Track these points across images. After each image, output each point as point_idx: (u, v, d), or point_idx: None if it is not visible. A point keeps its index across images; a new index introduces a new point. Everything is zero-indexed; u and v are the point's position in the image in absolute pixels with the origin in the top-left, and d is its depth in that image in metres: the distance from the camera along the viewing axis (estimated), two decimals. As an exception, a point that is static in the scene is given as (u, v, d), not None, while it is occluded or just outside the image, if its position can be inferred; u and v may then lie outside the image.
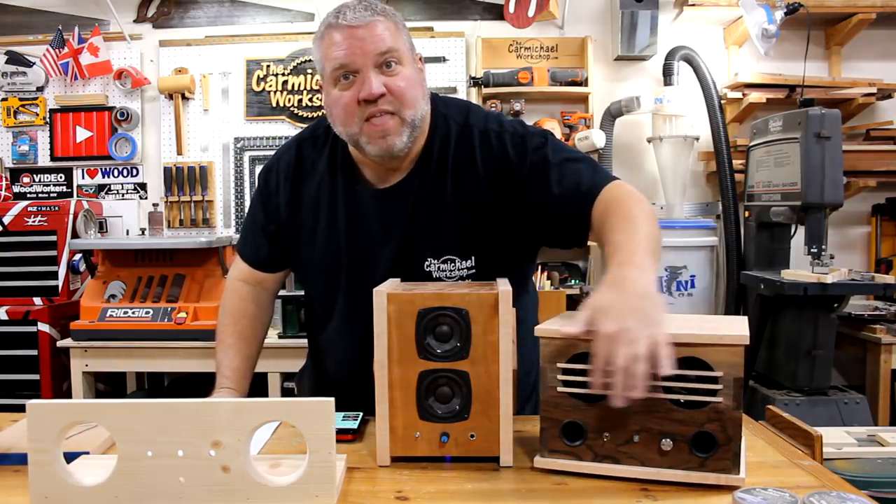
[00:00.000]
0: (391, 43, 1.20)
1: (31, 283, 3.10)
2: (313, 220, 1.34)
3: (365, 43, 1.18)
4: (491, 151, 1.27)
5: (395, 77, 1.20)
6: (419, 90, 1.24)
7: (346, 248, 1.31)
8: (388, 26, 1.22)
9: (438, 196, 1.27)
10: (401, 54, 1.22)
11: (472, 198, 1.26)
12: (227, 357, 1.35)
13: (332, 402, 0.89)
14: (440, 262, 1.27)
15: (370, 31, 1.19)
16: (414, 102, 1.22)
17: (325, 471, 0.90)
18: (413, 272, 1.26)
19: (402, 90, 1.20)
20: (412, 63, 1.25)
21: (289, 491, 0.89)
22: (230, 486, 0.89)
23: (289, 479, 0.90)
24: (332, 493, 0.90)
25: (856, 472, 1.93)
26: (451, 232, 1.27)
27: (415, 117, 1.23)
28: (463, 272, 1.28)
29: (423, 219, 1.27)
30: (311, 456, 0.89)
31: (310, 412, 0.89)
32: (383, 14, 1.23)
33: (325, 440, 0.89)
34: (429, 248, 1.27)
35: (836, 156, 2.62)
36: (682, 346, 0.93)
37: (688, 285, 3.17)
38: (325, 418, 0.89)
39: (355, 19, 1.19)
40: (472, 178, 1.27)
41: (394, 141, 1.21)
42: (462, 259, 1.27)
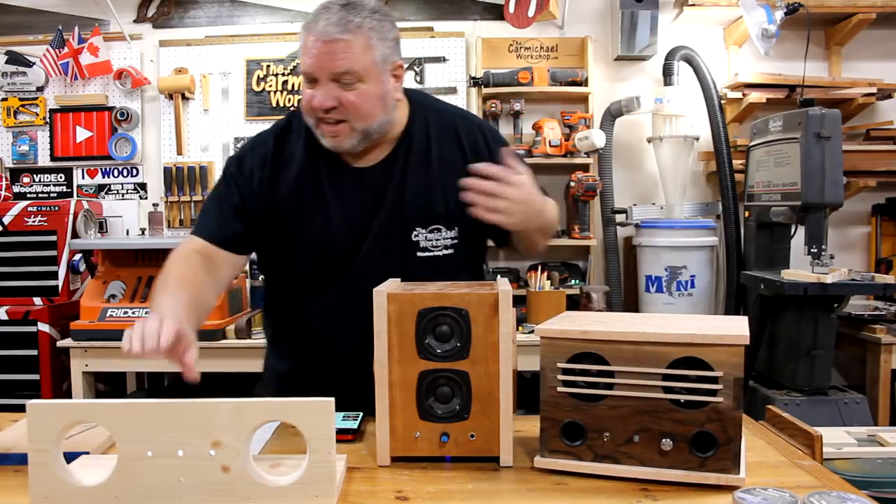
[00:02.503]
0: (351, 64, 1.25)
1: (31, 283, 3.09)
2: (298, 205, 1.37)
3: (326, 58, 1.25)
4: (472, 135, 1.42)
5: (351, 92, 1.27)
6: (377, 104, 1.30)
7: (341, 224, 1.36)
8: (358, 44, 1.25)
9: (425, 170, 1.38)
10: (362, 73, 1.26)
11: (455, 173, 1.33)
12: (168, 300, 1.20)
13: (331, 402, 0.90)
14: (428, 231, 1.36)
15: (335, 48, 1.24)
16: (368, 116, 1.29)
17: (325, 470, 0.90)
18: (401, 242, 1.35)
19: (355, 106, 1.27)
20: (378, 77, 1.29)
21: (289, 491, 0.89)
22: (230, 486, 0.89)
23: (289, 479, 0.90)
24: (332, 492, 0.90)
25: (856, 472, 1.93)
26: (438, 203, 1.37)
27: (367, 128, 1.30)
28: (447, 241, 1.38)
29: (412, 191, 1.36)
30: (312, 456, 0.89)
31: (310, 412, 0.89)
32: (356, 30, 1.25)
33: (326, 440, 0.89)
34: (417, 218, 1.36)
35: (836, 156, 2.62)
36: (682, 346, 0.93)
37: (688, 285, 3.17)
38: (326, 418, 0.89)
39: (325, 33, 1.24)
40: (456, 155, 1.39)
41: (342, 143, 1.31)
42: (448, 229, 1.38)
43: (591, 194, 3.24)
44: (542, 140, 3.31)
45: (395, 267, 1.32)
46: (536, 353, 1.01)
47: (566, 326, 1.00)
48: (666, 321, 1.03)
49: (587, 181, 3.21)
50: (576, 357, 0.98)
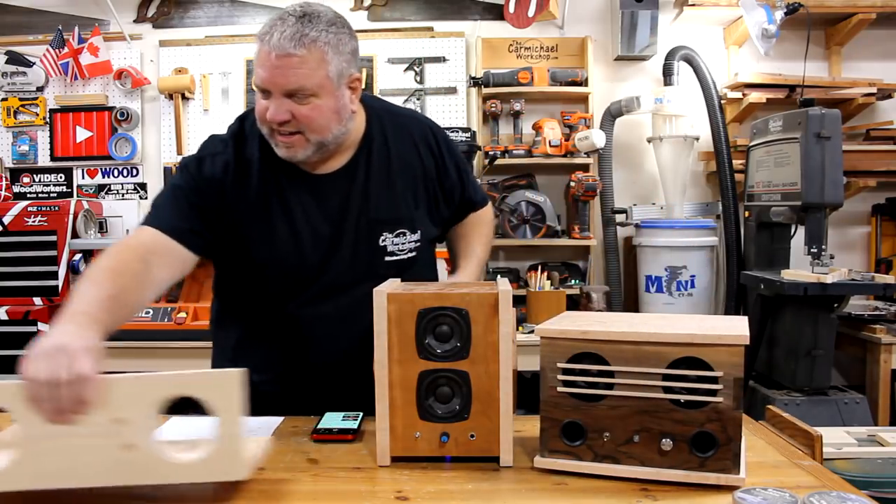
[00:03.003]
0: (304, 81, 1.23)
1: (31, 283, 3.09)
2: (264, 216, 1.34)
3: (280, 73, 1.22)
4: (424, 135, 1.46)
5: (305, 107, 1.25)
6: (332, 117, 1.28)
7: (308, 233, 1.35)
8: (312, 59, 1.23)
9: (387, 175, 1.39)
10: (316, 89, 1.24)
11: (415, 177, 1.42)
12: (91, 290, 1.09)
13: (238, 373, 0.87)
14: (394, 235, 1.38)
15: (288, 63, 1.22)
16: (322, 129, 1.28)
17: (233, 445, 0.88)
18: (370, 247, 1.36)
19: (309, 119, 1.26)
20: (333, 91, 1.27)
21: (197, 467, 0.87)
22: (134, 465, 0.86)
23: (195, 455, 0.88)
24: (242, 468, 0.88)
25: (856, 472, 1.93)
26: (401, 207, 1.39)
27: (322, 139, 1.29)
28: (412, 244, 1.40)
29: (377, 197, 1.37)
30: (220, 430, 0.87)
31: (215, 384, 0.87)
32: (311, 45, 1.22)
33: (233, 412, 0.87)
34: (383, 223, 1.37)
35: (836, 156, 2.62)
36: (682, 346, 0.93)
37: (688, 285, 3.17)
38: (231, 390, 0.87)
39: (279, 47, 1.21)
40: (413, 157, 1.43)
41: (296, 153, 1.30)
42: (412, 232, 1.40)
43: (591, 194, 3.24)
44: (542, 140, 3.31)
45: (363, 271, 1.35)
46: (536, 353, 1.01)
47: (566, 326, 1.00)
48: (666, 321, 1.03)
49: (587, 181, 3.21)
50: (576, 357, 0.98)
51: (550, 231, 3.31)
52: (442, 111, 3.50)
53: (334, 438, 1.15)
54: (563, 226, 3.43)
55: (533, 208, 3.31)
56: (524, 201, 3.31)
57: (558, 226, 3.35)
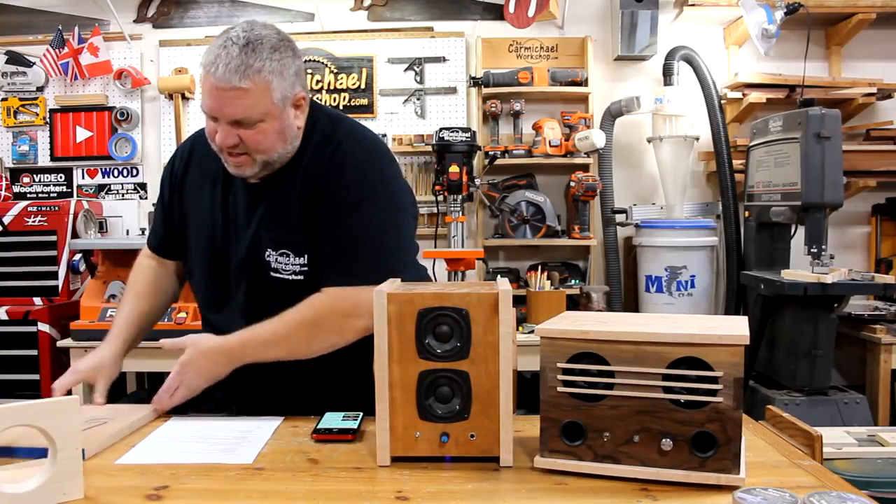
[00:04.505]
0: (249, 112, 1.27)
1: (31, 283, 3.09)
2: (196, 208, 1.46)
3: (225, 104, 1.26)
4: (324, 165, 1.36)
5: (251, 131, 1.29)
6: (277, 138, 1.32)
7: (220, 235, 1.41)
8: (257, 90, 1.25)
9: (289, 195, 1.36)
10: (261, 116, 1.28)
11: (313, 202, 1.35)
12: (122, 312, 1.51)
13: (76, 399, 0.91)
14: (278, 254, 1.37)
15: (233, 95, 1.25)
16: (268, 150, 1.32)
17: (72, 468, 0.90)
18: (257, 262, 1.38)
19: (255, 142, 1.30)
20: (279, 115, 1.30)
21: (36, 495, 0.88)
22: None
23: (34, 484, 0.89)
24: (78, 489, 0.91)
25: (856, 472, 1.93)
26: (288, 228, 1.36)
27: (268, 159, 1.33)
28: (296, 267, 1.36)
29: (271, 212, 1.37)
30: (59, 455, 0.89)
31: (56, 412, 0.89)
32: (255, 75, 1.24)
33: (72, 438, 0.90)
34: (269, 239, 1.37)
35: (836, 156, 2.62)
36: (682, 346, 0.93)
37: (688, 285, 3.17)
38: (71, 416, 0.89)
39: (224, 79, 1.24)
40: (313, 184, 1.35)
41: (244, 171, 1.35)
42: (296, 255, 1.36)
43: (591, 194, 3.24)
44: (542, 140, 3.31)
45: (250, 283, 1.39)
46: (536, 353, 1.01)
47: (566, 326, 1.00)
48: (666, 321, 1.03)
49: (587, 181, 3.22)
50: (576, 357, 0.97)
51: (550, 231, 3.31)
52: (442, 111, 3.50)
53: (334, 438, 1.15)
54: (563, 226, 3.43)
55: (533, 208, 3.31)
56: (524, 201, 3.31)
57: (558, 226, 3.35)
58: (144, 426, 1.25)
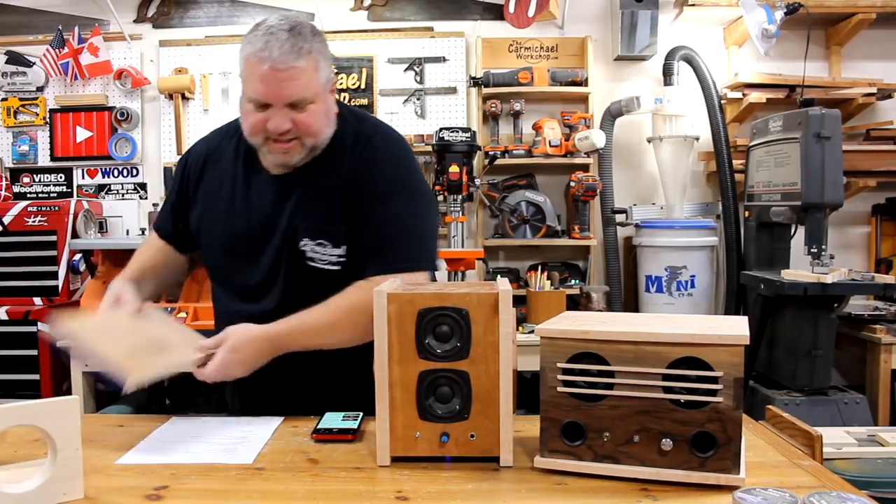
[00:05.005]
0: (305, 91, 1.30)
1: (31, 283, 3.09)
2: (216, 204, 1.45)
3: (282, 86, 1.28)
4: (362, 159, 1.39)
5: (303, 114, 1.32)
6: (324, 121, 1.36)
7: (246, 230, 1.41)
8: (308, 70, 1.30)
9: (326, 185, 1.38)
10: (313, 96, 1.32)
11: (352, 194, 1.37)
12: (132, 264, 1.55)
13: (76, 399, 0.91)
14: (315, 243, 1.37)
15: (290, 75, 1.28)
16: (317, 132, 1.35)
17: (72, 468, 0.90)
18: (292, 251, 1.37)
19: (307, 126, 1.33)
20: (324, 96, 1.35)
21: (37, 495, 0.88)
22: None
23: (34, 484, 0.89)
24: (78, 489, 0.91)
25: (856, 472, 1.93)
26: (327, 218, 1.37)
27: (315, 143, 1.36)
28: (334, 258, 1.37)
29: (307, 202, 1.38)
30: (59, 455, 0.89)
31: (56, 412, 0.89)
32: (308, 55, 1.29)
33: (72, 438, 0.90)
34: (306, 228, 1.37)
35: (836, 156, 2.62)
36: (682, 346, 0.93)
37: (688, 285, 3.17)
38: (71, 416, 0.89)
39: (280, 61, 1.27)
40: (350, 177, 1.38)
41: (292, 158, 1.36)
42: (333, 245, 1.37)
43: (591, 194, 3.24)
44: (542, 140, 3.31)
45: (284, 273, 1.38)
46: (536, 353, 1.01)
47: (566, 326, 1.00)
48: (666, 321, 1.03)
49: (587, 181, 3.22)
50: (576, 357, 0.98)
51: (550, 231, 3.31)
52: (442, 111, 3.50)
53: (334, 438, 1.15)
54: (563, 226, 3.43)
55: (533, 208, 3.31)
56: (524, 201, 3.31)
57: (558, 226, 3.35)
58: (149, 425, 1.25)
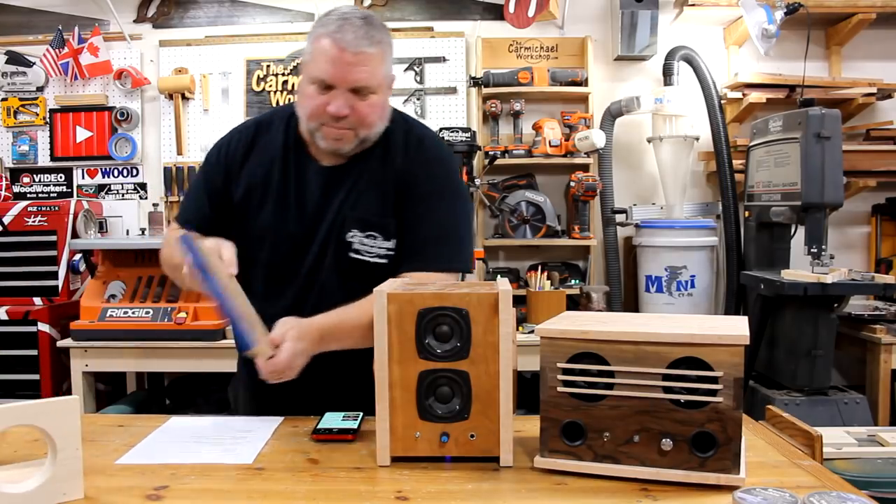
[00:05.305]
0: (371, 80, 1.31)
1: (31, 283, 3.09)
2: (262, 195, 1.43)
3: (350, 70, 1.29)
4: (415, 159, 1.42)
5: (364, 102, 1.33)
6: (381, 114, 1.38)
7: (294, 219, 1.40)
8: (377, 58, 1.32)
9: (378, 180, 1.40)
10: (376, 86, 1.33)
11: (404, 190, 1.40)
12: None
13: (76, 399, 0.92)
14: (363, 235, 1.39)
15: (360, 60, 1.29)
16: (372, 125, 1.36)
17: (72, 468, 0.90)
18: (338, 242, 1.38)
19: (365, 115, 1.34)
20: (384, 90, 1.37)
21: (37, 495, 0.88)
22: None
23: (34, 484, 0.89)
24: (78, 489, 0.91)
25: (856, 472, 1.93)
26: (379, 212, 1.39)
27: (368, 135, 1.37)
28: (382, 251, 1.39)
29: (357, 195, 1.40)
30: (59, 455, 0.89)
31: (56, 412, 0.89)
32: (378, 44, 1.31)
33: (72, 438, 0.90)
34: (355, 220, 1.39)
35: (836, 156, 2.62)
36: (682, 346, 0.93)
37: (688, 285, 3.17)
38: (71, 416, 0.89)
39: (353, 44, 1.28)
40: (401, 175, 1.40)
41: (343, 146, 1.37)
42: (384, 238, 1.39)
43: (591, 194, 3.24)
44: (542, 140, 3.31)
45: (329, 264, 1.38)
46: (536, 353, 1.01)
47: (566, 326, 1.00)
48: (666, 321, 1.03)
49: (587, 181, 3.22)
50: (576, 357, 0.98)
51: (550, 231, 3.31)
52: (442, 111, 3.50)
53: (334, 438, 1.15)
54: (563, 226, 3.43)
55: (533, 208, 3.31)
56: (524, 201, 3.31)
57: (558, 226, 3.35)
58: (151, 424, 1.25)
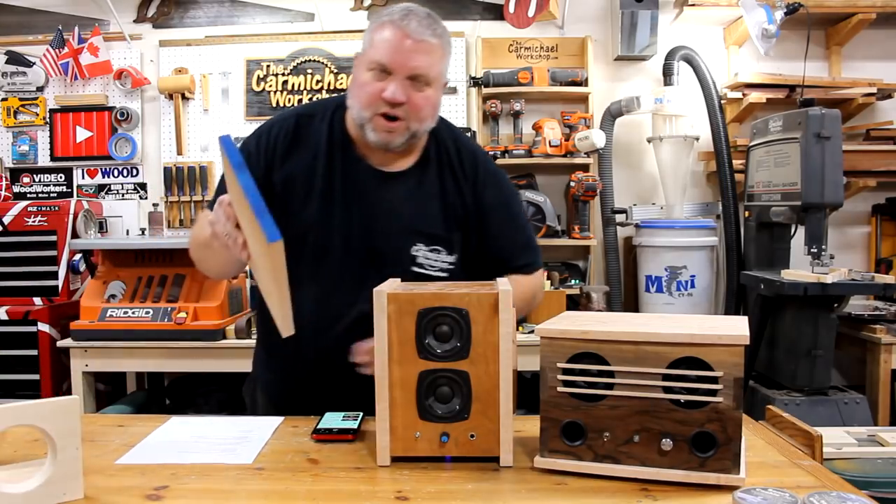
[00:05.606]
0: (429, 69, 1.32)
1: (31, 283, 3.09)
2: (306, 190, 1.39)
3: (411, 55, 1.30)
4: (474, 173, 1.44)
5: (419, 94, 1.33)
6: (433, 110, 1.38)
7: (340, 221, 1.37)
8: (437, 51, 1.33)
9: (439, 193, 1.41)
10: (433, 78, 1.34)
11: (459, 205, 1.42)
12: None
13: (76, 399, 0.92)
14: (428, 249, 1.39)
15: (422, 48, 1.30)
16: (424, 119, 1.36)
17: (72, 468, 0.90)
18: (400, 253, 1.37)
19: (419, 107, 1.33)
20: (439, 86, 1.38)
21: (37, 495, 0.88)
22: None
23: (34, 484, 0.89)
24: (78, 489, 0.91)
25: (856, 472, 1.93)
26: (442, 226, 1.40)
27: (419, 130, 1.37)
28: (445, 264, 1.40)
29: (423, 207, 1.40)
30: (59, 455, 0.89)
31: (56, 412, 0.89)
32: (440, 38, 1.34)
33: (72, 438, 0.90)
34: (420, 234, 1.38)
35: (836, 156, 2.62)
36: (682, 346, 0.93)
37: (688, 285, 3.17)
38: (71, 416, 0.89)
39: (416, 32, 1.30)
40: (460, 189, 1.43)
41: (394, 139, 1.35)
42: (448, 253, 1.40)
43: (591, 194, 3.24)
44: (542, 140, 3.31)
45: (388, 276, 1.30)
46: (536, 353, 1.01)
47: (566, 326, 1.00)
48: (666, 321, 1.03)
49: (587, 181, 3.21)
50: (576, 357, 0.98)
51: (550, 231, 3.31)
52: (442, 111, 3.49)
53: (334, 438, 1.15)
54: (563, 226, 3.42)
55: (533, 208, 3.30)
56: (524, 201, 3.31)
57: (558, 226, 3.35)
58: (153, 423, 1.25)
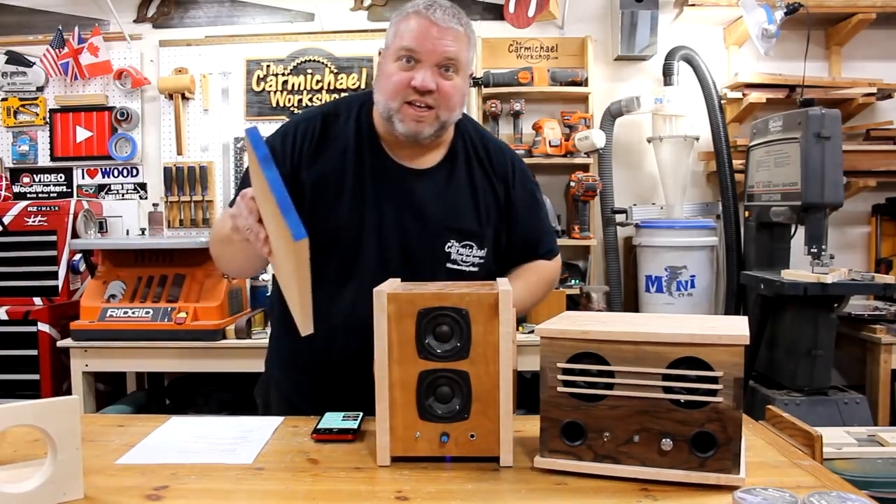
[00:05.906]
0: (457, 54, 1.33)
1: (31, 283, 3.09)
2: (336, 190, 1.38)
3: (438, 42, 1.31)
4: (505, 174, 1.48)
5: (448, 81, 1.33)
6: (460, 99, 1.38)
7: (373, 221, 1.37)
8: (463, 39, 1.35)
9: (468, 188, 1.43)
10: (460, 66, 1.35)
11: (490, 199, 1.45)
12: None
13: (76, 399, 0.92)
14: (461, 245, 1.40)
15: (447, 35, 1.32)
16: (452, 107, 1.36)
17: (72, 468, 0.90)
18: (435, 251, 1.39)
19: (448, 95, 1.34)
20: (466, 75, 1.39)
21: (36, 495, 0.88)
22: None
23: (34, 484, 0.89)
24: (78, 489, 0.91)
25: (856, 472, 1.93)
26: (473, 220, 1.42)
27: (448, 119, 1.37)
28: (476, 259, 1.42)
29: (454, 203, 1.41)
30: (59, 455, 0.89)
31: (56, 412, 0.89)
32: (465, 27, 1.35)
33: (72, 437, 0.90)
34: (453, 230, 1.40)
35: (836, 156, 2.62)
36: (682, 346, 0.93)
37: (688, 285, 3.17)
38: (72, 416, 0.89)
39: (441, 19, 1.31)
40: (491, 183, 1.46)
41: (423, 128, 1.34)
42: (479, 248, 1.42)
43: (591, 194, 3.24)
44: (542, 140, 3.31)
45: (422, 275, 1.31)
46: (536, 353, 1.01)
47: (566, 326, 1.00)
48: (666, 321, 1.03)
49: (587, 181, 3.21)
50: (576, 357, 0.98)
51: (550, 231, 3.31)
52: (442, 111, 3.50)
53: (334, 438, 1.15)
54: (563, 226, 3.42)
55: (533, 208, 3.30)
56: (524, 201, 3.31)
57: (558, 226, 3.35)
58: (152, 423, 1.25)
